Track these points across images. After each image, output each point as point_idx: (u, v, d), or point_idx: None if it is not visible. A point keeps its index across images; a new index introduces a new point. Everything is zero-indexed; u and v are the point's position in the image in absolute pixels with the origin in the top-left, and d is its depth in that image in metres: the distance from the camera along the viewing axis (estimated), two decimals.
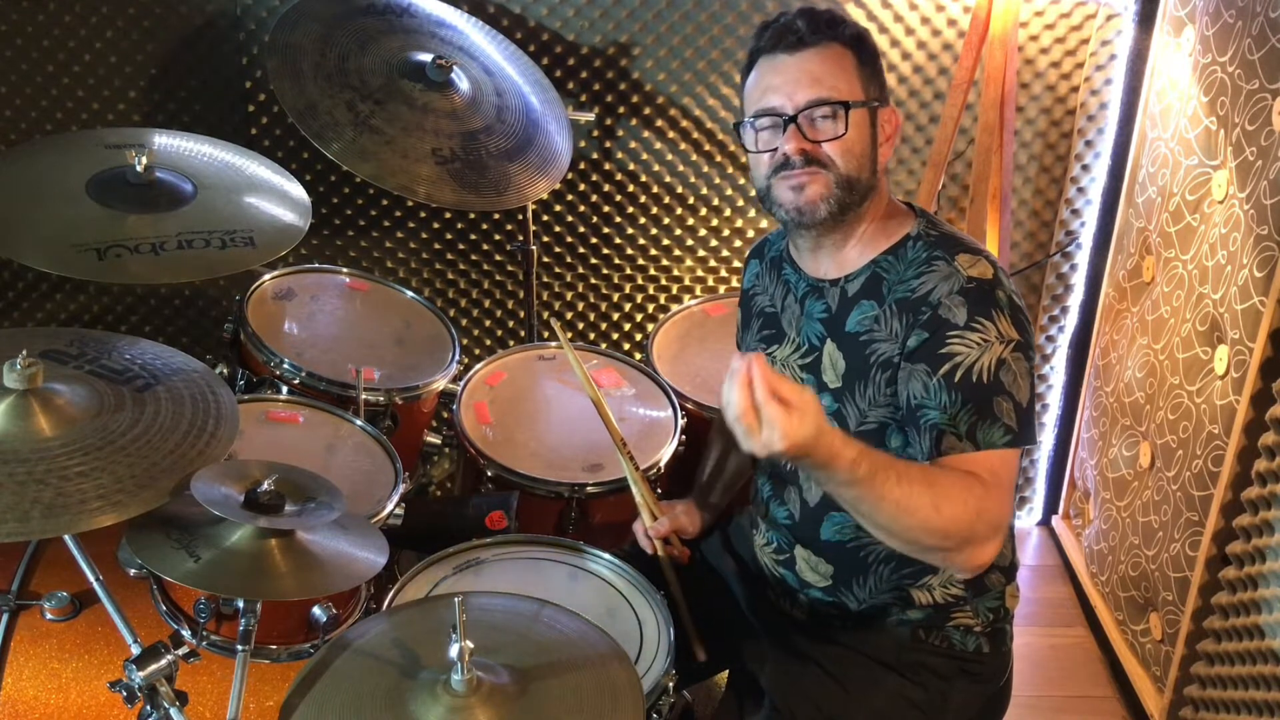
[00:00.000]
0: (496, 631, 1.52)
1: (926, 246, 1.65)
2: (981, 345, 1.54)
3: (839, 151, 1.62)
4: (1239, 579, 2.17)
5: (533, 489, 2.17)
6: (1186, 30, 2.48)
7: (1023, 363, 1.56)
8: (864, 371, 1.65)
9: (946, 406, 1.55)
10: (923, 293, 1.60)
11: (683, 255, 3.05)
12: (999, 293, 1.58)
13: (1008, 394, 1.54)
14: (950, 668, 1.76)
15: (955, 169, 2.90)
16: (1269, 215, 2.09)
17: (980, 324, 1.55)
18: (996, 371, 1.54)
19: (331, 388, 2.24)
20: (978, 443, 1.53)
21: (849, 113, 1.61)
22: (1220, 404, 2.23)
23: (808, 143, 1.61)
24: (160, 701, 1.56)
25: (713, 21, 2.78)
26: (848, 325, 1.67)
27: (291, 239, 2.19)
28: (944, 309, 1.57)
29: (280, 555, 1.61)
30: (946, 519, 1.46)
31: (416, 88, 2.43)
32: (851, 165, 1.62)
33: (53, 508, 1.47)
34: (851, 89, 1.62)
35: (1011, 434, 1.54)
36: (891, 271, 1.65)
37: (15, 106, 2.82)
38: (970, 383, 1.54)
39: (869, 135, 1.64)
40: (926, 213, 1.72)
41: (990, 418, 1.53)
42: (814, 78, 1.61)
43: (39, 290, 3.01)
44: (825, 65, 1.62)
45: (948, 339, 1.56)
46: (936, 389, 1.55)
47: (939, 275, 1.60)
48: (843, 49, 1.63)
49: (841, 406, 1.68)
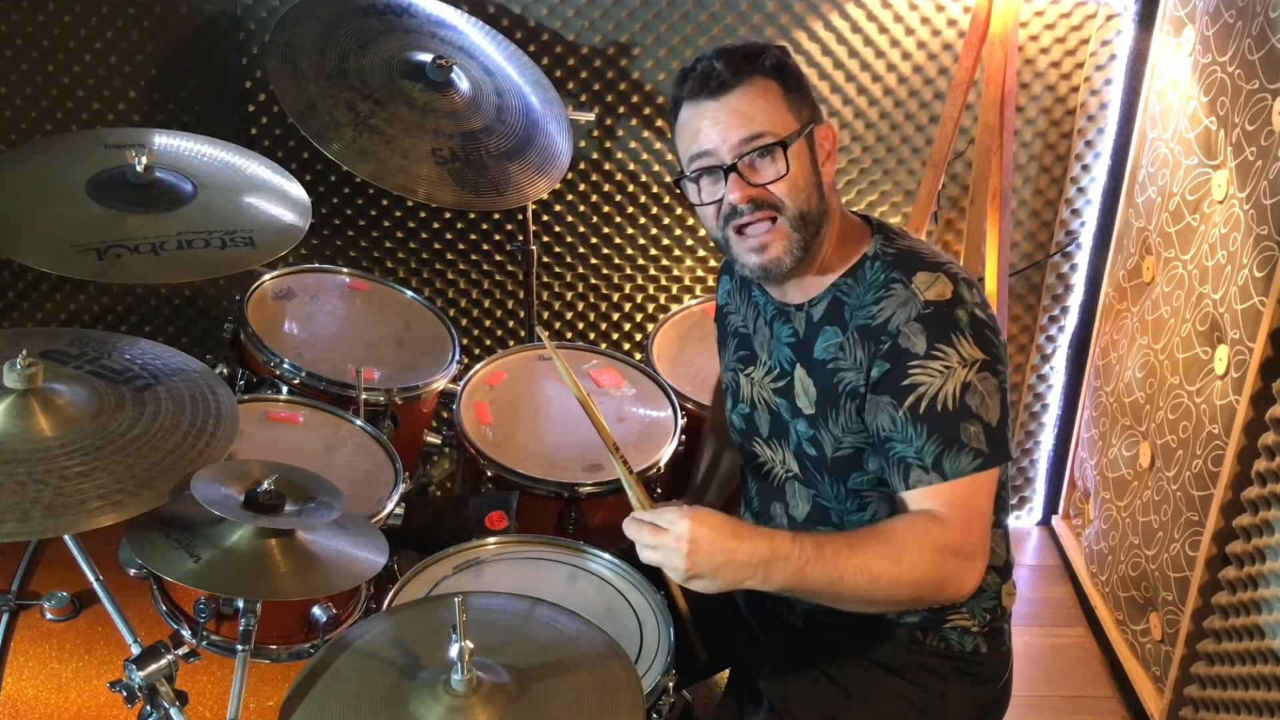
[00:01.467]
0: (496, 631, 1.52)
1: (884, 267, 1.62)
2: (944, 373, 1.53)
3: (785, 190, 1.58)
4: (1239, 579, 2.17)
5: (533, 489, 2.17)
6: (1186, 30, 2.48)
7: (990, 381, 1.54)
8: (834, 400, 1.64)
9: (912, 439, 1.54)
10: (882, 320, 1.58)
11: (683, 255, 3.05)
12: (959, 312, 1.55)
13: (975, 417, 1.53)
14: (948, 668, 1.76)
15: (955, 169, 2.90)
16: (1269, 215, 2.09)
17: (940, 351, 1.53)
18: (961, 397, 1.52)
19: (331, 388, 2.24)
20: (945, 473, 1.53)
21: (787, 150, 1.57)
22: (1220, 404, 2.23)
23: (752, 188, 1.58)
24: (160, 701, 1.56)
25: (713, 21, 2.78)
26: (815, 352, 1.67)
27: (291, 239, 2.19)
28: (903, 338, 1.55)
29: (280, 555, 1.61)
30: (909, 568, 1.48)
31: (416, 88, 2.43)
32: (800, 199, 1.59)
33: (53, 508, 1.47)
34: (784, 121, 1.58)
35: (981, 457, 1.53)
36: (851, 295, 1.63)
37: (15, 106, 2.82)
38: (935, 412, 1.53)
39: (809, 163, 1.61)
40: (884, 225, 1.69)
41: (957, 445, 1.52)
42: (744, 117, 1.57)
43: (39, 290, 3.01)
44: (752, 103, 1.57)
45: (909, 370, 1.54)
46: (903, 422, 1.54)
47: (896, 301, 1.58)
48: (766, 81, 1.58)
49: (817, 433, 1.68)
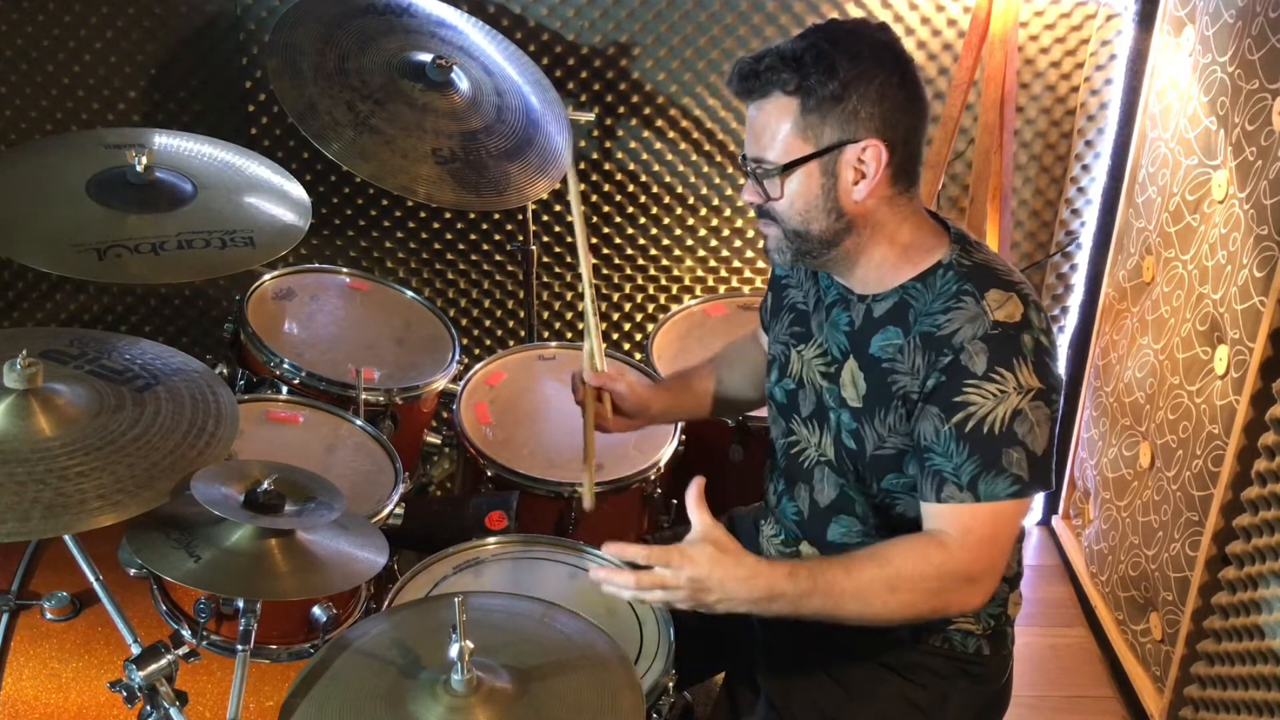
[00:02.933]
0: (496, 631, 1.52)
1: (958, 278, 1.59)
2: (998, 396, 1.52)
3: (780, 208, 1.59)
4: (1239, 579, 2.17)
5: (533, 489, 2.17)
6: (1186, 30, 2.48)
7: (1042, 410, 1.53)
8: (885, 399, 1.63)
9: (952, 455, 1.54)
10: (948, 331, 1.56)
11: (683, 255, 3.05)
12: (1025, 337, 1.54)
13: (1020, 444, 1.52)
14: (950, 668, 1.76)
15: (955, 169, 2.90)
16: (1269, 215, 2.09)
17: (999, 375, 1.52)
18: (1010, 423, 1.52)
19: (331, 388, 2.24)
20: (978, 495, 1.53)
21: (781, 175, 1.55)
22: (1220, 404, 2.23)
23: (755, 195, 1.60)
24: (160, 701, 1.56)
25: (713, 21, 2.78)
26: (871, 348, 1.65)
27: (291, 239, 2.19)
28: (965, 355, 1.53)
29: (280, 555, 1.61)
30: (905, 594, 1.52)
31: (416, 88, 2.43)
32: (795, 220, 1.58)
33: (53, 508, 1.47)
34: (789, 146, 1.54)
35: (1020, 484, 1.53)
36: (919, 300, 1.61)
37: (15, 106, 2.82)
38: (980, 434, 1.52)
39: (820, 185, 1.56)
40: (964, 236, 1.65)
41: (996, 469, 1.52)
42: (754, 133, 1.57)
43: (39, 290, 3.01)
44: (765, 121, 1.56)
45: (964, 387, 1.53)
46: (946, 437, 1.54)
47: (965, 315, 1.55)
48: (786, 99, 1.53)
49: (860, 427, 1.67)
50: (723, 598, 1.49)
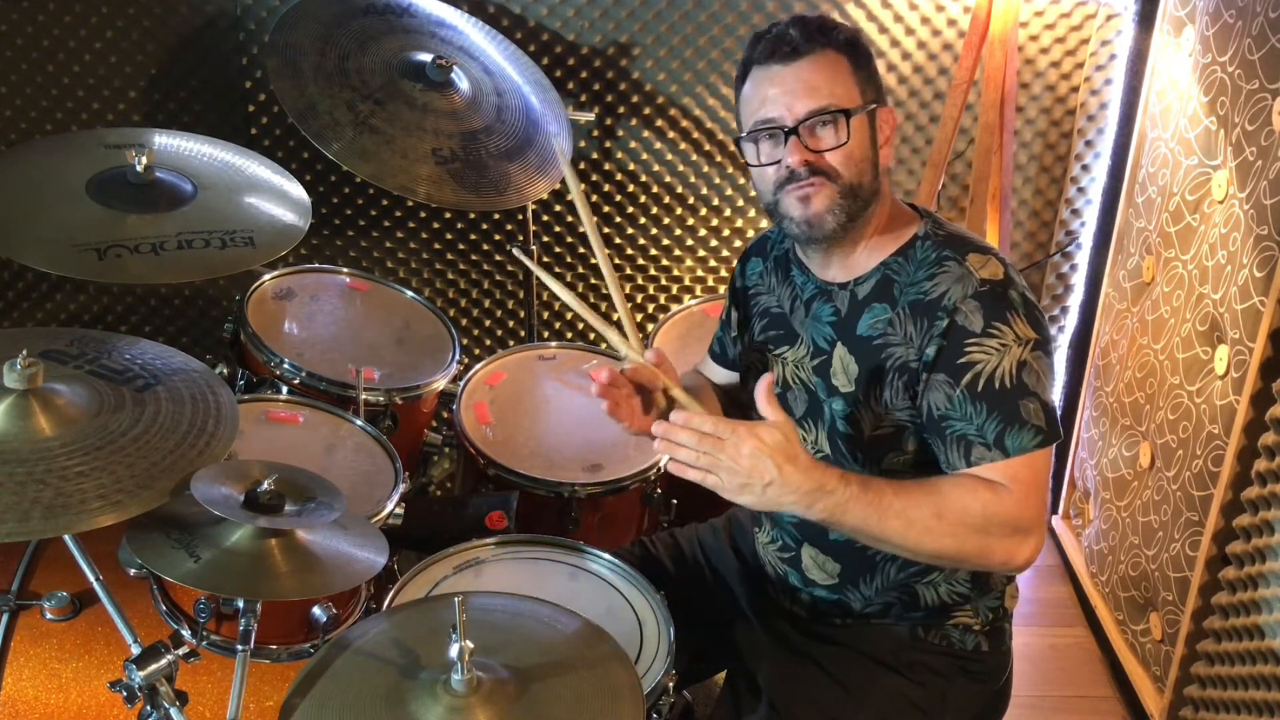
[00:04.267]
0: (496, 631, 1.52)
1: (935, 246, 1.64)
2: (1001, 350, 1.55)
3: (841, 160, 1.60)
4: (1239, 579, 2.17)
5: (533, 489, 2.17)
6: (1186, 30, 2.48)
7: (1043, 360, 1.57)
8: (879, 375, 1.64)
9: (972, 416, 1.55)
10: (936, 295, 1.59)
11: (683, 255, 3.05)
12: (1012, 292, 1.58)
13: (1033, 394, 1.55)
14: (950, 666, 1.76)
15: (955, 169, 2.90)
16: (1269, 215, 2.09)
17: (997, 329, 1.55)
18: (1019, 374, 1.54)
19: (331, 388, 2.24)
20: (1007, 450, 1.54)
21: (849, 120, 1.59)
22: (1220, 404, 2.23)
23: (810, 153, 1.60)
24: (160, 701, 1.56)
25: (713, 21, 2.79)
26: (859, 329, 1.67)
27: (291, 239, 2.19)
28: (960, 315, 1.56)
29: (280, 555, 1.61)
30: (950, 524, 1.51)
31: (416, 88, 2.43)
32: (854, 172, 1.61)
33: (53, 508, 1.47)
34: (850, 95, 1.61)
35: (1041, 433, 1.54)
36: (902, 273, 1.65)
37: (15, 106, 2.82)
38: (994, 390, 1.54)
39: (869, 140, 1.63)
40: (930, 212, 1.71)
41: (1018, 422, 1.54)
42: (811, 87, 1.59)
43: (39, 290, 3.01)
44: (821, 73, 1.60)
45: (965, 347, 1.56)
46: (961, 400, 1.56)
47: (951, 277, 1.59)
48: (837, 55, 1.61)
49: (854, 410, 1.67)
50: (774, 480, 1.46)
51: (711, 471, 1.47)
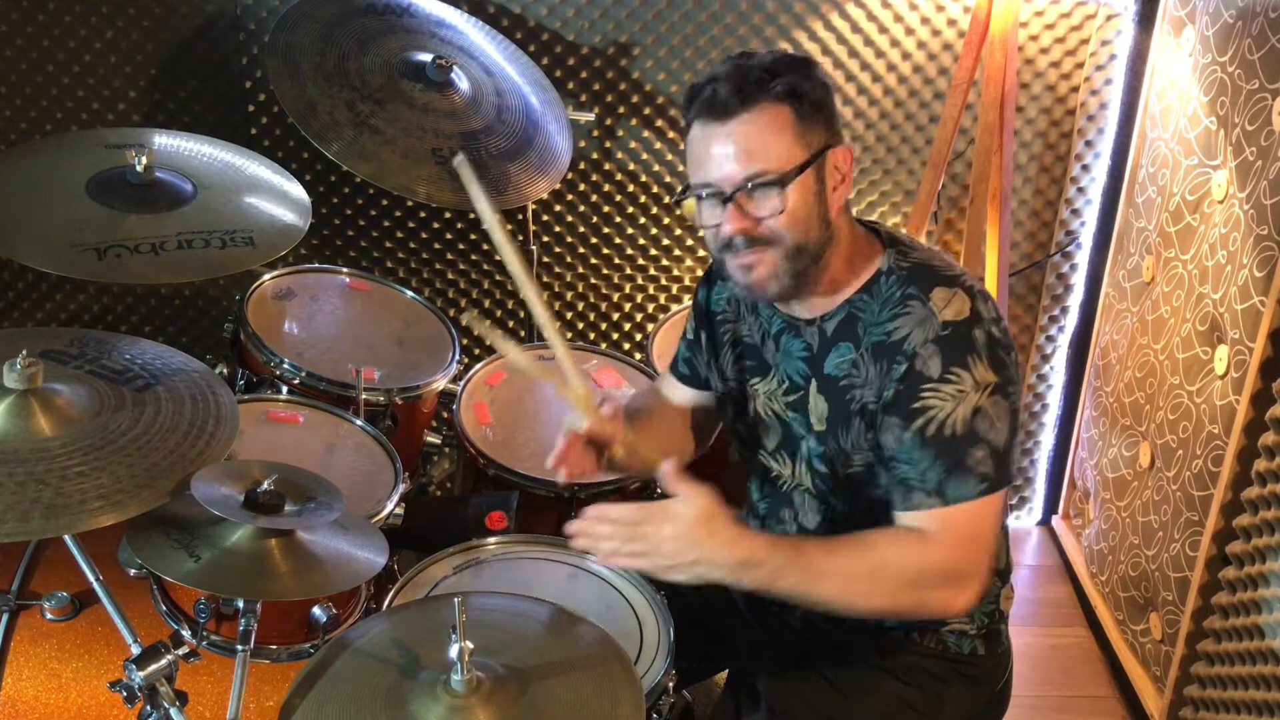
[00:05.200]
0: (496, 631, 1.52)
1: (900, 282, 1.59)
2: (956, 397, 1.51)
3: (783, 225, 1.53)
4: (1239, 579, 2.17)
5: (533, 489, 2.17)
6: (1186, 30, 2.48)
7: (1001, 404, 1.53)
8: (845, 417, 1.62)
9: (916, 461, 1.53)
10: (898, 338, 1.56)
11: (683, 255, 3.05)
12: (976, 332, 1.54)
13: (983, 441, 1.52)
14: (945, 670, 1.76)
15: (955, 169, 2.90)
16: (1269, 215, 2.09)
17: (955, 374, 1.52)
18: (971, 421, 1.51)
19: (331, 388, 2.24)
20: (946, 498, 1.52)
21: (786, 187, 1.51)
22: (1220, 404, 2.23)
23: (748, 221, 1.53)
24: (160, 701, 1.56)
25: (713, 21, 2.78)
26: (827, 368, 1.64)
27: (291, 239, 2.19)
28: (919, 360, 1.53)
29: (280, 555, 1.61)
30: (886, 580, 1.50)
31: (416, 88, 2.43)
32: (798, 233, 1.54)
33: (53, 508, 1.47)
34: (790, 153, 1.51)
35: (987, 481, 1.52)
36: (866, 311, 1.61)
37: (15, 106, 2.82)
38: (943, 437, 1.52)
39: (814, 194, 1.54)
40: (895, 237, 1.65)
41: (962, 471, 1.51)
42: (745, 150, 1.50)
43: (39, 290, 3.01)
44: (756, 135, 1.51)
45: (920, 393, 1.53)
46: (909, 444, 1.54)
47: (914, 319, 1.55)
48: (777, 107, 1.51)
49: (826, 449, 1.66)
50: (701, 559, 1.45)
51: (642, 555, 1.47)
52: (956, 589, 1.53)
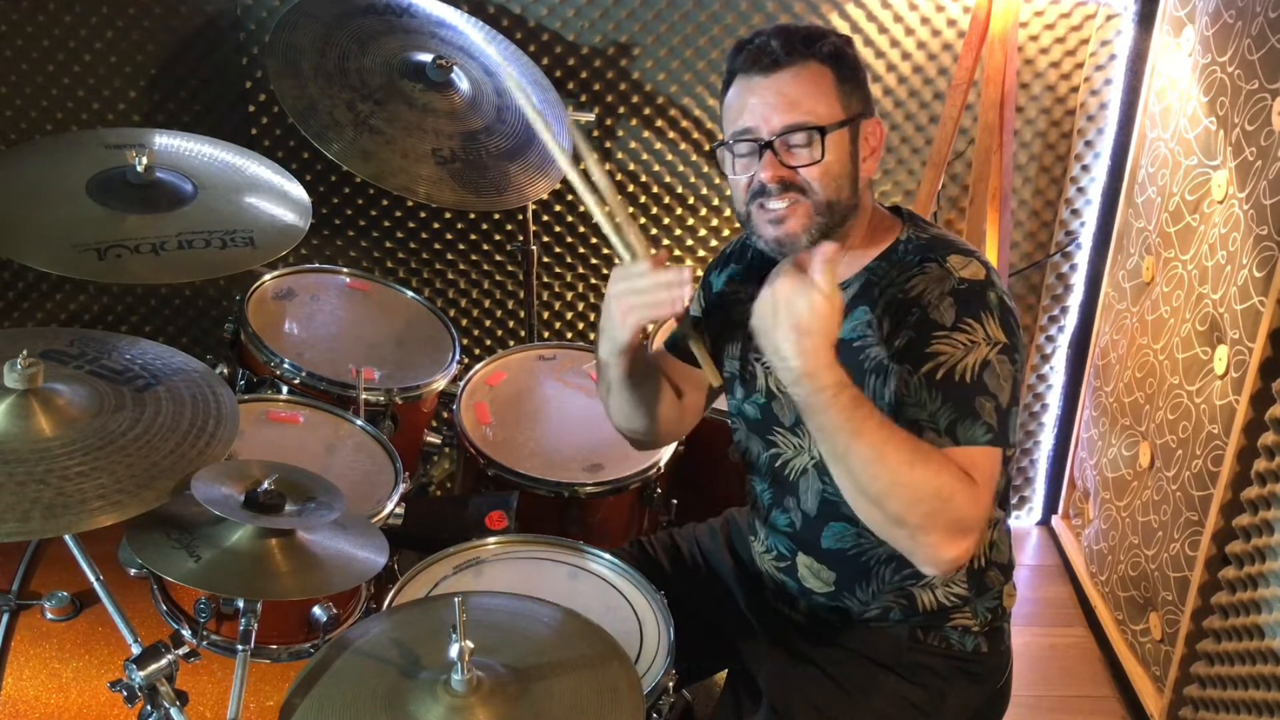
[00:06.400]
0: (496, 631, 1.52)
1: (917, 249, 1.64)
2: (968, 346, 1.53)
3: (817, 176, 1.57)
4: (1239, 579, 2.17)
5: (533, 489, 2.17)
6: (1186, 30, 2.48)
7: (1007, 366, 1.54)
8: (860, 377, 1.63)
9: (926, 403, 1.53)
10: (914, 294, 1.58)
11: (682, 255, 3.05)
12: (990, 294, 1.57)
13: (990, 394, 1.52)
14: (949, 668, 1.76)
15: (955, 169, 2.90)
16: (1269, 215, 2.09)
17: (968, 325, 1.54)
18: (980, 372, 1.52)
19: (331, 388, 2.24)
20: (958, 438, 1.51)
21: (825, 137, 1.56)
22: (1220, 404, 2.23)
23: (784, 169, 1.57)
24: (160, 701, 1.56)
25: (713, 21, 2.78)
26: (842, 333, 1.63)
27: (291, 239, 2.19)
28: (933, 310, 1.55)
29: (280, 555, 1.61)
30: (918, 479, 1.44)
31: (416, 88, 2.43)
32: (830, 189, 1.58)
33: (53, 508, 1.47)
34: (830, 110, 1.57)
35: (992, 432, 1.52)
36: (884, 276, 1.64)
37: (15, 106, 2.82)
38: (952, 381, 1.52)
39: (849, 154, 1.60)
40: (914, 216, 1.70)
41: (971, 415, 1.51)
42: (790, 101, 1.56)
43: (39, 290, 3.01)
44: (801, 87, 1.56)
45: (933, 339, 1.54)
46: (917, 386, 1.54)
47: (931, 277, 1.58)
48: (820, 67, 1.57)
49: None
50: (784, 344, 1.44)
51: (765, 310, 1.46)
52: (959, 537, 1.48)
